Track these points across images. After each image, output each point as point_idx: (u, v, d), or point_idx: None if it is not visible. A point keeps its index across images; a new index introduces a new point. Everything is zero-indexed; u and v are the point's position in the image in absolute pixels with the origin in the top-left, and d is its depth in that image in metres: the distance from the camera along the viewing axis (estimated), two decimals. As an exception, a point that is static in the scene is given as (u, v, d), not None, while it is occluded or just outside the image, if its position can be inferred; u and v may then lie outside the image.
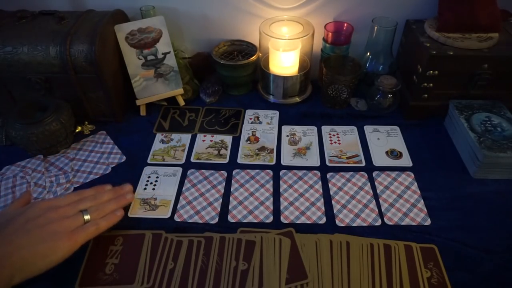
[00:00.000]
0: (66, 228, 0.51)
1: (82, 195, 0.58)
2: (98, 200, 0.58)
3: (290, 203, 0.64)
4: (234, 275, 0.53)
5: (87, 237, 0.52)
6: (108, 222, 0.56)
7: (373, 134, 0.78)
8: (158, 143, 0.76)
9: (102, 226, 0.55)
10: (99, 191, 0.60)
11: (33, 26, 0.73)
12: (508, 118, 0.71)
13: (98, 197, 0.58)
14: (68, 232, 0.51)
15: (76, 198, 0.57)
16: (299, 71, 0.83)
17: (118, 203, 0.59)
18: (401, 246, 0.57)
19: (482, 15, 0.72)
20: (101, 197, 0.58)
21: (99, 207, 0.56)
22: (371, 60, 0.84)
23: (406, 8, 0.83)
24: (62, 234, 0.50)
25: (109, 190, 0.61)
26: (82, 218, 0.54)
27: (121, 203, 0.60)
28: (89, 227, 0.53)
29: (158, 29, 0.78)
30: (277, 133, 0.78)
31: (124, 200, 0.61)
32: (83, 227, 0.53)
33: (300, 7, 0.84)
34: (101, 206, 0.57)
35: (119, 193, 0.61)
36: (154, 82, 0.80)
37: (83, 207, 0.55)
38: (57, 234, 0.50)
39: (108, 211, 0.57)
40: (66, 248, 0.50)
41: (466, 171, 0.70)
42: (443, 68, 0.72)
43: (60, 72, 0.71)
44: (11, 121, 0.68)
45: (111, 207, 0.58)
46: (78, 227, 0.52)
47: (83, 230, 0.52)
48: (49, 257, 0.49)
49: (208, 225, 0.61)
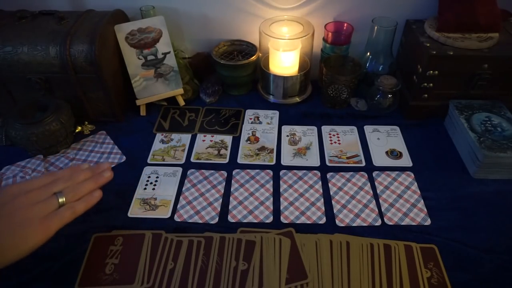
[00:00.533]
0: (38, 214, 0.47)
1: (56, 176, 0.52)
2: (74, 180, 0.52)
3: (290, 203, 0.64)
4: (234, 275, 0.53)
5: (62, 222, 0.48)
6: (86, 204, 0.50)
7: (373, 134, 0.78)
8: (158, 143, 0.76)
9: (79, 209, 0.49)
10: (74, 171, 0.54)
11: (33, 26, 0.73)
12: (508, 118, 0.71)
13: (73, 177, 0.52)
14: (40, 219, 0.46)
15: (50, 179, 0.51)
16: (299, 71, 0.83)
17: (96, 183, 0.53)
18: (401, 246, 0.57)
19: (482, 15, 0.72)
20: (76, 177, 0.52)
21: (74, 188, 0.51)
22: (371, 60, 0.84)
23: (406, 8, 0.83)
24: (32, 221, 0.46)
25: (86, 169, 0.55)
26: (56, 201, 0.48)
27: (99, 182, 0.54)
28: (64, 212, 0.48)
29: (158, 29, 0.78)
30: (277, 133, 0.78)
31: (102, 179, 0.54)
32: (57, 212, 0.48)
33: (300, 7, 0.84)
34: (77, 187, 0.51)
35: (96, 171, 0.55)
36: (154, 82, 0.80)
37: (57, 189, 0.50)
38: (27, 221, 0.46)
39: (85, 192, 0.51)
40: (38, 236, 0.46)
41: (466, 171, 0.70)
42: (443, 68, 0.72)
43: (60, 72, 0.71)
44: (11, 121, 0.68)
45: (88, 187, 0.52)
46: (52, 212, 0.48)
47: (57, 215, 0.47)
48: (19, 247, 0.45)
49: (208, 225, 0.61)
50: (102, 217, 0.62)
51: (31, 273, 0.54)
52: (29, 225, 0.46)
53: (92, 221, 0.61)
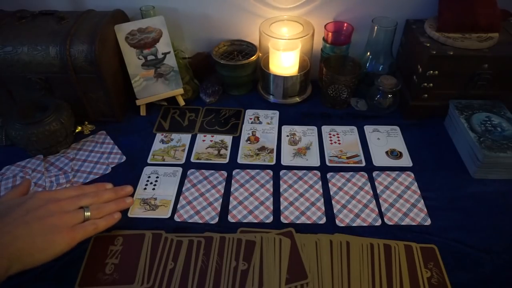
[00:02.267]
0: (66, 223, 0.51)
1: (83, 190, 0.57)
2: (99, 199, 0.57)
3: (290, 203, 0.64)
4: (234, 275, 0.53)
5: (85, 235, 0.52)
6: (107, 223, 0.55)
7: (373, 134, 0.78)
8: (158, 143, 0.76)
9: (101, 226, 0.54)
10: (99, 189, 0.60)
11: (33, 26, 0.73)
12: (508, 118, 0.71)
13: (99, 195, 0.58)
14: (68, 228, 0.50)
15: (77, 193, 0.56)
16: (299, 71, 0.83)
17: (118, 206, 0.59)
18: (401, 246, 0.57)
19: (482, 15, 0.72)
20: (102, 195, 0.58)
21: (99, 207, 0.56)
22: (371, 60, 0.84)
23: (406, 8, 0.82)
24: (61, 229, 0.50)
25: (110, 189, 0.61)
26: (83, 215, 0.53)
27: (120, 206, 0.60)
28: (88, 226, 0.53)
29: (158, 29, 0.78)
30: (277, 133, 0.78)
31: (124, 204, 0.61)
32: (82, 225, 0.52)
33: (300, 7, 0.84)
34: (101, 206, 0.56)
35: (119, 194, 0.61)
36: (154, 82, 0.80)
37: (84, 204, 0.55)
38: (57, 228, 0.49)
39: (107, 212, 0.57)
40: (65, 243, 0.49)
41: (466, 171, 0.70)
42: (443, 68, 0.72)
43: (60, 72, 0.71)
44: (11, 121, 0.68)
45: (111, 208, 0.57)
46: (77, 224, 0.52)
47: (82, 228, 0.52)
48: (47, 250, 0.48)
49: (208, 225, 0.61)
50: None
51: (31, 273, 0.54)
52: (58, 232, 0.49)
53: (92, 221, 0.61)
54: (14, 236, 0.47)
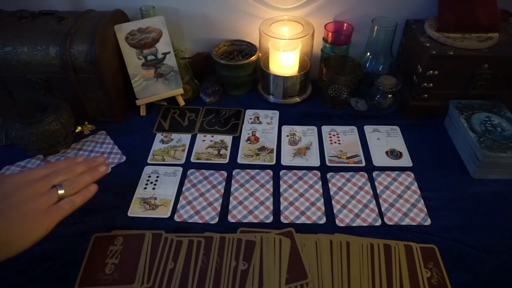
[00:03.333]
0: (41, 206, 0.48)
1: (54, 167, 0.54)
2: (72, 173, 0.54)
3: (290, 203, 0.64)
4: (234, 275, 0.53)
5: (62, 215, 0.50)
6: (83, 198, 0.53)
7: (373, 134, 0.78)
8: (158, 143, 0.76)
9: (77, 202, 0.52)
10: (71, 163, 0.56)
11: (33, 26, 0.73)
12: (508, 118, 0.71)
13: (71, 170, 0.54)
14: (44, 211, 0.48)
15: (48, 171, 0.53)
16: (299, 71, 0.83)
17: (92, 177, 0.55)
18: (401, 246, 0.57)
19: (482, 15, 0.72)
20: (74, 170, 0.54)
21: (73, 181, 0.53)
22: (371, 60, 0.84)
23: (406, 8, 0.82)
24: (38, 214, 0.48)
25: (82, 162, 0.57)
26: (57, 194, 0.50)
27: (95, 176, 0.56)
28: (64, 205, 0.50)
29: (158, 29, 0.78)
30: (277, 133, 0.78)
31: (98, 173, 0.57)
32: (58, 206, 0.50)
33: (300, 7, 0.84)
34: (75, 180, 0.53)
35: (92, 165, 0.57)
36: (154, 82, 0.80)
37: (57, 182, 0.52)
38: (34, 214, 0.47)
39: (83, 185, 0.54)
40: (43, 228, 0.48)
41: (466, 171, 0.70)
42: (443, 68, 0.72)
43: (60, 72, 0.71)
44: (11, 121, 0.68)
45: (85, 180, 0.54)
46: (53, 204, 0.50)
47: (59, 208, 0.50)
48: (26, 238, 0.46)
49: (208, 225, 0.61)
50: (102, 217, 0.62)
51: (31, 273, 0.54)
52: (35, 217, 0.48)
53: (92, 221, 0.61)
54: None
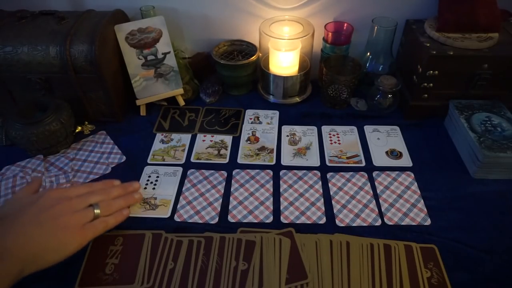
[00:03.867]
0: (78, 222, 0.51)
1: (92, 188, 0.58)
2: (108, 196, 0.57)
3: (290, 203, 0.64)
4: (234, 275, 0.53)
5: (96, 233, 0.52)
6: (116, 220, 0.56)
7: (373, 134, 0.78)
8: (158, 143, 0.76)
9: (110, 223, 0.55)
10: (108, 186, 0.60)
11: (33, 26, 0.73)
12: (508, 118, 0.71)
13: (108, 192, 0.58)
14: (79, 227, 0.51)
15: (86, 190, 0.56)
16: (299, 71, 0.83)
17: (126, 202, 0.59)
18: (401, 246, 0.57)
19: (482, 15, 0.72)
20: (110, 192, 0.58)
21: (108, 204, 0.56)
22: (371, 60, 0.84)
23: (406, 8, 0.82)
24: (73, 229, 0.50)
25: (118, 185, 0.61)
26: (93, 213, 0.53)
27: (129, 202, 0.60)
28: (98, 224, 0.53)
29: (158, 29, 0.78)
30: (277, 133, 0.78)
31: (132, 199, 0.61)
32: (92, 223, 0.53)
33: (300, 7, 0.84)
34: (110, 203, 0.56)
35: (127, 190, 0.61)
36: (154, 82, 0.80)
37: (93, 201, 0.55)
38: (69, 228, 0.50)
39: (117, 209, 0.57)
40: (76, 243, 0.50)
41: (466, 171, 0.70)
42: (443, 68, 0.72)
43: (60, 72, 0.71)
44: (11, 121, 0.68)
45: (120, 205, 0.58)
46: (88, 222, 0.52)
47: (92, 227, 0.52)
48: (60, 251, 0.48)
49: (208, 225, 0.61)
50: (102, 217, 0.62)
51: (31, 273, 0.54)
52: (70, 231, 0.50)
53: (92, 221, 0.61)
54: (28, 237, 0.47)
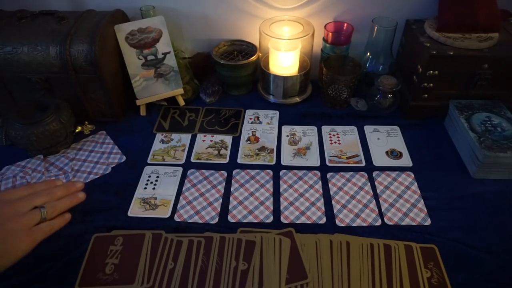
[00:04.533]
0: (25, 226, 0.49)
1: (34, 189, 0.54)
2: (52, 196, 0.54)
3: (290, 203, 0.64)
4: (234, 275, 0.53)
5: (44, 236, 0.50)
6: (60, 223, 0.53)
7: (373, 134, 0.78)
8: (158, 143, 0.76)
9: (56, 226, 0.52)
10: (50, 186, 0.56)
11: (33, 26, 0.73)
12: (508, 118, 0.71)
13: (51, 193, 0.55)
14: (26, 230, 0.49)
15: (28, 192, 0.53)
16: (299, 71, 0.83)
17: (71, 201, 0.56)
18: (401, 246, 0.57)
19: (482, 15, 0.72)
20: (54, 193, 0.55)
21: (54, 205, 0.53)
22: (371, 60, 0.84)
23: (406, 8, 0.82)
24: (20, 233, 0.48)
25: (61, 185, 0.57)
26: (39, 215, 0.51)
27: (74, 202, 0.56)
28: (45, 227, 0.51)
29: (158, 29, 0.78)
30: (277, 133, 0.78)
31: (77, 199, 0.57)
32: (39, 227, 0.50)
33: (300, 7, 0.84)
34: (55, 204, 0.54)
35: (71, 190, 0.57)
36: (154, 82, 0.80)
37: (38, 203, 0.52)
38: (16, 233, 0.48)
39: (63, 210, 0.54)
40: (26, 247, 0.48)
41: (466, 171, 0.70)
42: (443, 68, 0.72)
43: (60, 72, 0.71)
44: (11, 121, 0.68)
45: (65, 205, 0.55)
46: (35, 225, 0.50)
47: (40, 230, 0.50)
48: (9, 256, 0.47)
49: (208, 225, 0.61)
50: (102, 217, 0.62)
51: (31, 273, 0.54)
52: (18, 236, 0.48)
53: (92, 221, 0.61)
54: None
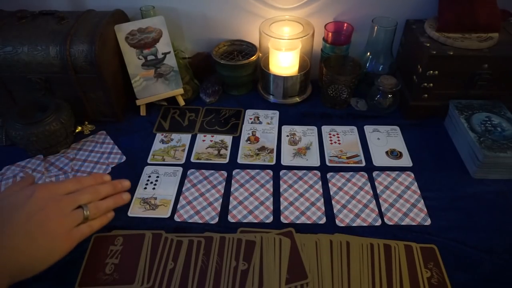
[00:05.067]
0: (65, 228, 0.50)
1: (82, 183, 0.56)
2: (97, 195, 0.56)
3: (290, 203, 0.64)
4: (234, 275, 0.53)
5: (82, 238, 0.52)
6: (101, 223, 0.55)
7: (373, 134, 0.78)
8: (158, 143, 0.76)
9: (95, 227, 0.54)
10: (97, 181, 0.58)
11: (33, 26, 0.73)
12: (508, 118, 0.71)
13: (98, 191, 0.56)
14: (67, 232, 0.50)
15: (75, 187, 0.55)
16: (299, 71, 0.83)
17: (115, 203, 0.58)
18: (401, 246, 0.57)
19: (482, 15, 0.72)
20: (100, 191, 0.56)
21: (97, 206, 0.55)
22: (371, 60, 0.84)
23: (406, 8, 0.83)
24: (61, 236, 0.49)
25: (108, 183, 0.59)
26: (82, 216, 0.52)
27: (117, 203, 0.58)
28: (85, 229, 0.52)
29: (158, 29, 0.78)
30: (277, 133, 0.78)
31: (121, 201, 0.59)
32: (79, 228, 0.52)
33: (300, 7, 0.84)
34: (99, 204, 0.55)
35: (117, 189, 0.59)
36: (154, 82, 0.80)
37: (83, 202, 0.53)
38: (57, 235, 0.49)
39: (105, 211, 0.56)
40: (64, 250, 0.49)
41: (466, 171, 0.70)
42: (443, 68, 0.72)
43: (60, 72, 0.71)
44: (11, 121, 0.68)
45: (108, 206, 0.56)
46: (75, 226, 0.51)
47: (79, 232, 0.51)
48: (47, 259, 0.48)
49: (208, 225, 0.61)
50: (102, 217, 0.62)
51: (31, 273, 0.54)
52: (58, 238, 0.49)
53: (92, 221, 0.61)
54: (16, 250, 0.46)
